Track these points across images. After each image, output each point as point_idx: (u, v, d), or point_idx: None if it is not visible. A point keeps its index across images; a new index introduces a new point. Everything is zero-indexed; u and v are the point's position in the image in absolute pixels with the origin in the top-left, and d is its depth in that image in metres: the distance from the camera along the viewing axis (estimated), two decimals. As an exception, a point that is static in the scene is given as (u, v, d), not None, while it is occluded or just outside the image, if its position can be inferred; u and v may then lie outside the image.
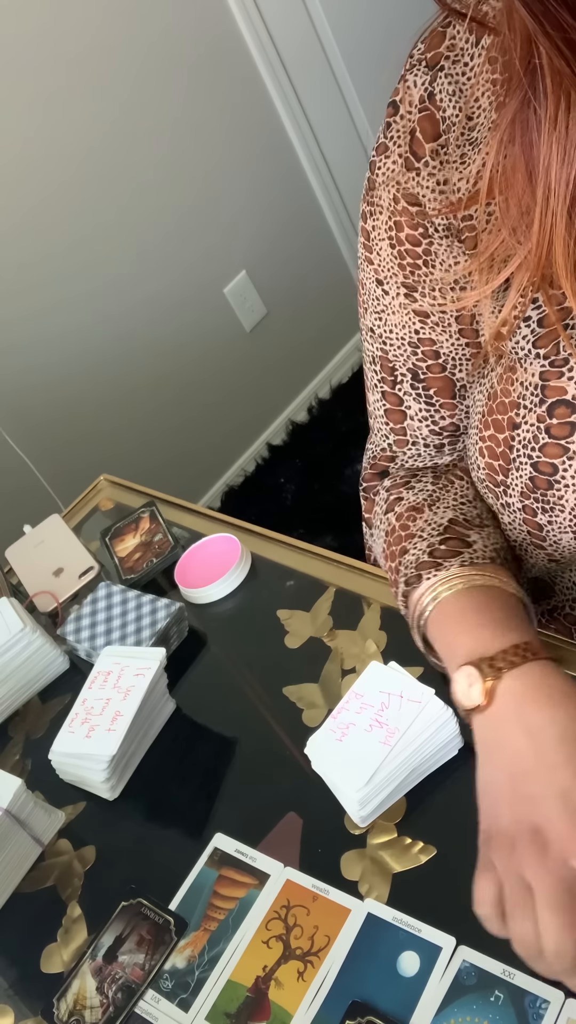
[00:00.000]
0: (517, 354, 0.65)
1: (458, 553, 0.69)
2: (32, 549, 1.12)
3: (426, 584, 0.69)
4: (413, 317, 0.71)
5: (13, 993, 0.77)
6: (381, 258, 0.71)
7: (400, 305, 0.72)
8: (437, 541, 0.71)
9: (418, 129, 0.65)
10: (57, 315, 2.07)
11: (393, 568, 0.75)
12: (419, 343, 0.73)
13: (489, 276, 0.62)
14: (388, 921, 0.67)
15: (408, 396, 0.76)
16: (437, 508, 0.74)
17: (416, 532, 0.73)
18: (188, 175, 2.22)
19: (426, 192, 0.66)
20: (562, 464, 0.64)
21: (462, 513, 0.73)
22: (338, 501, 2.34)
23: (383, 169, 0.68)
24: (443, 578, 0.68)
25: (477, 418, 0.71)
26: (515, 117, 0.56)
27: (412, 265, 0.69)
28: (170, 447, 2.34)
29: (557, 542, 0.68)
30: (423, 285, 0.69)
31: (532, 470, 0.65)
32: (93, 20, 1.97)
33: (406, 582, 0.71)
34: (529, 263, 0.59)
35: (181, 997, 0.70)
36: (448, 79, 0.63)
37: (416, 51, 0.65)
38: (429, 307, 0.70)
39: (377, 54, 2.34)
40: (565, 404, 0.63)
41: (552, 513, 0.66)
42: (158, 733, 0.88)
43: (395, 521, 0.77)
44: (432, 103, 0.64)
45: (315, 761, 0.74)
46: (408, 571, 0.71)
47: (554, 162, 0.54)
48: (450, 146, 0.64)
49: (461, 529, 0.72)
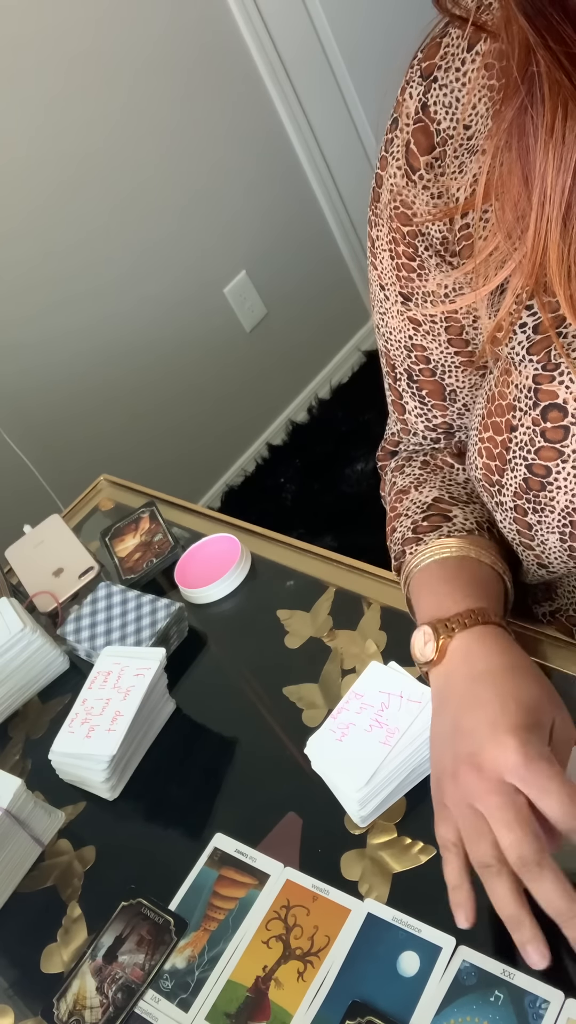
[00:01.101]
0: (512, 358, 0.66)
1: (437, 527, 0.75)
2: (32, 549, 1.12)
3: (408, 557, 0.76)
4: (408, 324, 0.75)
5: (13, 993, 0.77)
6: (383, 266, 0.73)
7: (397, 311, 0.74)
8: (420, 518, 0.77)
9: (412, 141, 0.66)
10: (57, 315, 2.07)
11: (391, 550, 0.81)
12: (413, 348, 0.76)
13: (485, 279, 0.63)
14: (388, 921, 0.67)
15: (406, 393, 0.80)
16: (423, 489, 0.80)
17: (402, 512, 0.80)
18: (188, 175, 2.22)
19: (422, 206, 0.67)
20: (556, 467, 0.65)
21: (448, 492, 0.79)
22: (338, 501, 2.34)
23: (386, 184, 0.70)
24: (420, 551, 0.75)
25: (477, 420, 0.71)
26: (512, 123, 0.56)
27: (407, 277, 0.72)
28: (170, 447, 2.34)
29: (544, 542, 0.69)
30: (416, 296, 0.72)
31: (527, 471, 0.66)
32: (93, 20, 1.97)
33: (395, 558, 0.79)
34: (524, 268, 0.59)
35: (181, 997, 0.70)
36: (442, 90, 0.64)
37: (416, 60, 0.66)
38: (421, 316, 0.73)
39: (377, 54, 2.34)
40: (557, 408, 0.63)
41: (542, 513, 0.67)
42: (158, 733, 0.88)
43: (391, 501, 0.84)
44: (426, 115, 0.65)
45: (315, 761, 0.74)
46: (396, 548, 0.79)
47: (550, 169, 0.55)
48: (447, 157, 0.65)
49: (444, 506, 0.77)
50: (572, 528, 0.66)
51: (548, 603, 0.82)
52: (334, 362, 2.68)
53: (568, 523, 0.66)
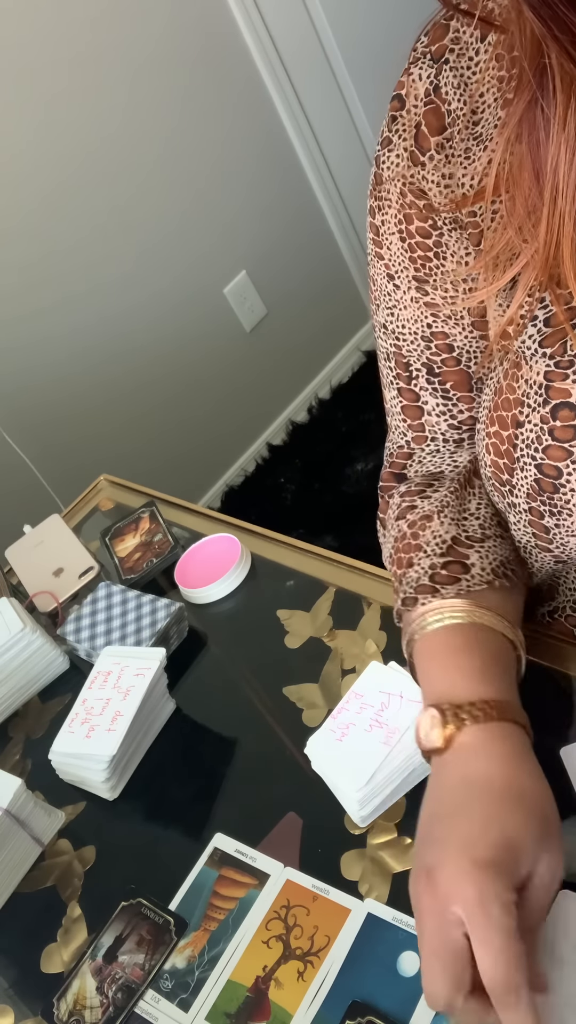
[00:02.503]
0: (523, 352, 0.65)
1: (456, 580, 0.69)
2: (32, 549, 1.12)
3: (421, 609, 0.69)
4: (425, 311, 0.71)
5: (13, 993, 0.77)
6: (392, 252, 0.71)
7: (412, 299, 0.71)
8: (440, 563, 0.70)
9: (423, 123, 0.65)
10: (57, 315, 2.07)
11: (397, 576, 0.74)
12: (432, 337, 0.72)
13: (495, 274, 0.62)
14: (388, 921, 0.67)
15: (424, 391, 0.76)
16: (444, 518, 0.73)
17: (423, 544, 0.73)
18: (188, 175, 2.22)
19: (432, 186, 0.66)
20: (566, 468, 0.63)
21: (464, 530, 0.73)
22: (338, 501, 2.34)
23: (388, 163, 0.68)
24: (436, 608, 0.68)
25: (484, 414, 0.70)
26: (523, 116, 0.55)
27: (423, 258, 0.69)
28: (170, 447, 2.34)
29: (564, 544, 0.67)
30: (434, 278, 0.69)
31: (536, 472, 0.65)
32: (93, 20, 1.97)
33: (403, 601, 0.71)
34: (536, 262, 0.59)
35: (181, 997, 0.70)
36: (453, 72, 0.63)
37: (420, 44, 0.65)
38: (441, 300, 0.70)
39: (377, 54, 2.34)
40: (569, 407, 0.62)
41: (560, 517, 0.65)
42: (158, 733, 0.88)
43: (406, 528, 0.76)
44: (438, 96, 0.64)
45: (315, 761, 0.74)
46: (408, 589, 0.71)
47: (562, 163, 0.54)
48: (455, 140, 0.64)
49: (462, 550, 0.71)
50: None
51: (548, 603, 0.81)
52: (334, 362, 2.68)
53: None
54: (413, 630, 0.69)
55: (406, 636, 0.70)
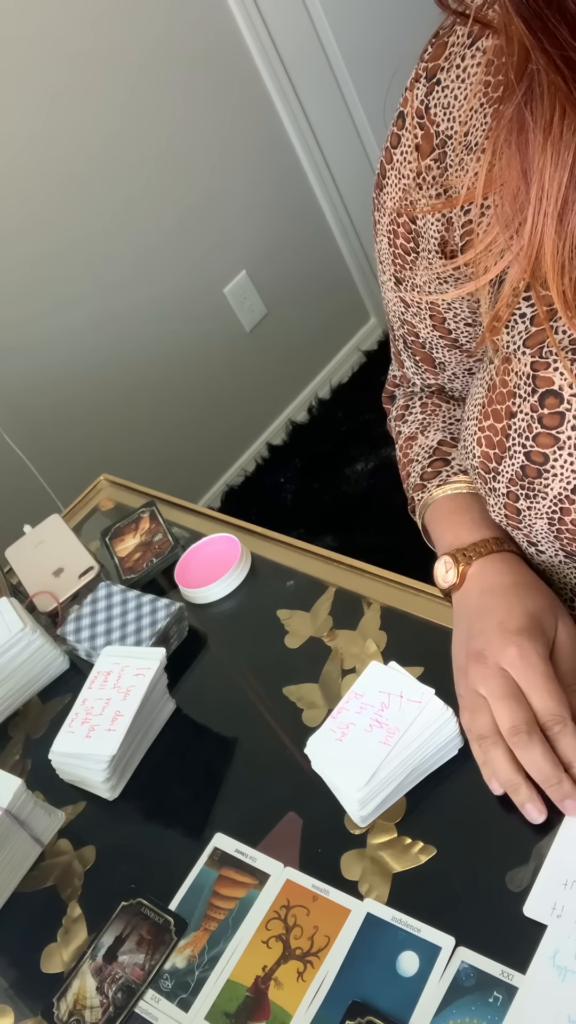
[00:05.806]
0: (511, 347, 0.67)
1: (438, 473, 0.85)
2: (32, 549, 1.12)
3: (423, 495, 0.86)
4: (399, 303, 0.79)
5: (13, 993, 0.77)
6: (381, 248, 0.76)
7: (390, 288, 0.79)
8: (427, 463, 0.86)
9: (415, 144, 0.67)
10: (57, 315, 2.07)
11: (403, 481, 0.91)
12: (404, 323, 0.81)
13: (484, 269, 0.64)
14: (388, 921, 0.67)
15: (403, 353, 0.86)
16: (428, 433, 0.88)
17: (413, 457, 0.89)
18: (188, 175, 2.22)
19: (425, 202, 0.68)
20: (552, 454, 0.66)
21: (450, 433, 0.87)
22: (338, 501, 2.34)
23: (390, 177, 0.71)
24: (432, 488, 0.85)
25: (477, 410, 0.73)
26: (512, 118, 0.56)
27: (401, 265, 0.75)
28: (170, 447, 2.34)
29: (531, 526, 0.71)
30: (406, 282, 0.76)
31: (524, 459, 0.68)
32: (93, 20, 1.97)
33: (408, 500, 0.90)
34: (521, 260, 0.60)
35: (181, 997, 0.70)
36: (443, 91, 0.65)
37: (422, 61, 0.66)
38: (409, 299, 0.77)
39: (377, 54, 2.34)
40: (553, 394, 0.65)
41: (533, 500, 0.69)
42: (158, 733, 0.88)
43: (399, 450, 0.92)
44: (427, 117, 0.66)
45: (315, 761, 0.74)
46: (409, 492, 0.89)
47: (548, 165, 0.55)
48: (448, 157, 0.66)
49: (446, 448, 0.86)
50: (561, 514, 0.68)
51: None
52: (334, 362, 2.68)
53: (558, 509, 0.68)
54: (421, 509, 0.86)
55: (419, 515, 0.87)
